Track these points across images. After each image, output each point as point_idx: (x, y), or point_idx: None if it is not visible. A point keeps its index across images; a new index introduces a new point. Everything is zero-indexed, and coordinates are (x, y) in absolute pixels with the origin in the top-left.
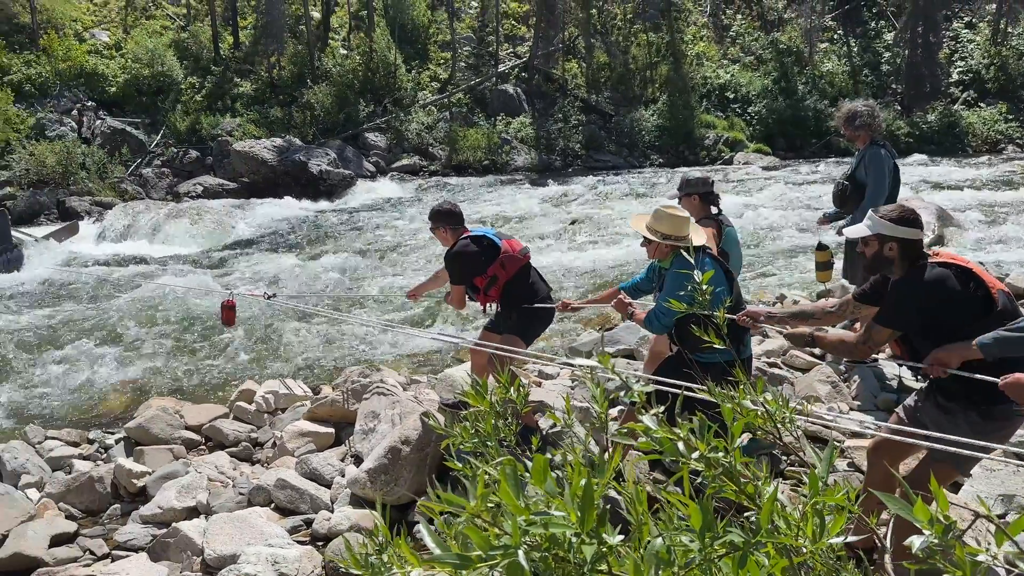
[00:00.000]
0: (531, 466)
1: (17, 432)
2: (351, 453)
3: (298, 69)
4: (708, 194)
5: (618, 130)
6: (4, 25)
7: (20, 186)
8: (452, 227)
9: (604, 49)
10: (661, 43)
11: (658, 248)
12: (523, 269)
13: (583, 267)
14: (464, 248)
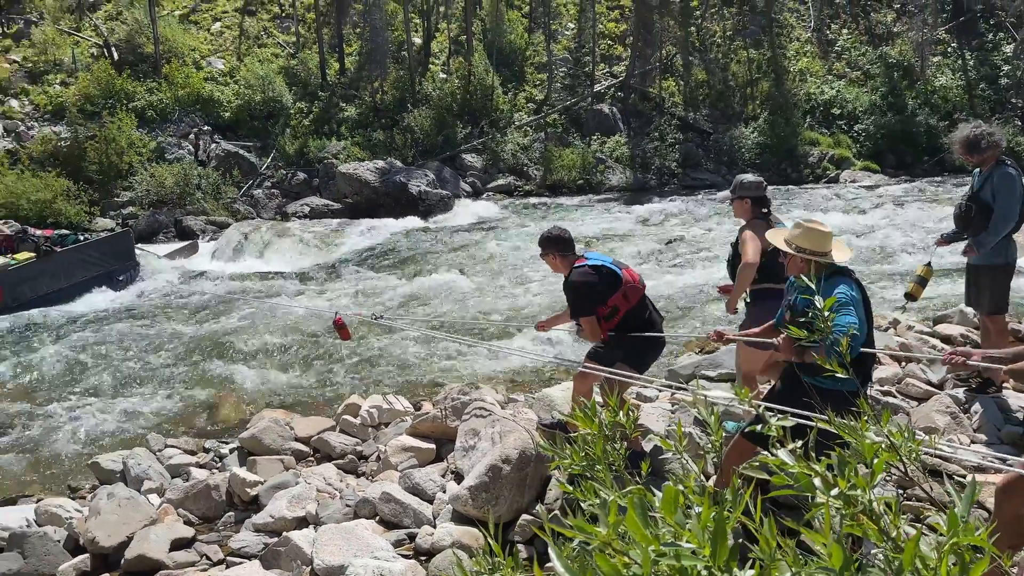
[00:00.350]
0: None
1: (140, 440)
2: (452, 469)
3: (400, 93)
4: (760, 199)
5: (716, 148)
6: (130, 55)
7: (141, 206)
8: (563, 253)
9: (703, 66)
10: (762, 59)
11: (794, 262)
12: (642, 299)
13: (682, 287)
14: (585, 278)
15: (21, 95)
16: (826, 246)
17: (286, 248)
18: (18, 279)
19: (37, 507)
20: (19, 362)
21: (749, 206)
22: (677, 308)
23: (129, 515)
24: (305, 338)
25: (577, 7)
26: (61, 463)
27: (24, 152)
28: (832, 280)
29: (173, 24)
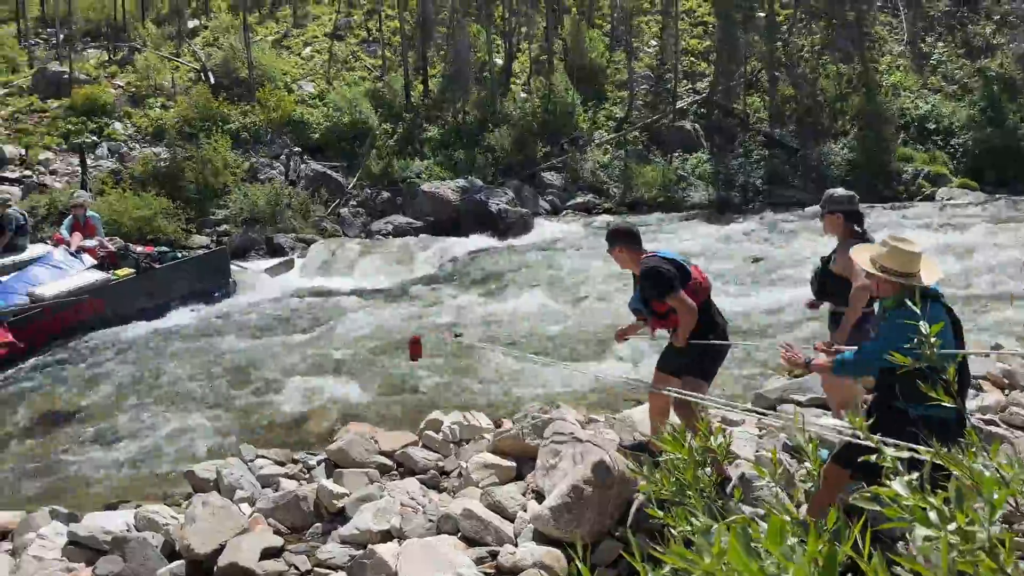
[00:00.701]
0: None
1: (232, 450)
2: (533, 488)
3: (481, 113)
4: (853, 212)
5: (804, 165)
6: (226, 80)
7: (235, 223)
8: (631, 247)
9: (789, 82)
10: (852, 74)
11: (880, 284)
12: (707, 298)
13: (768, 307)
14: (661, 263)
15: (125, 118)
16: (914, 267)
17: (370, 265)
18: (119, 294)
19: (136, 512)
20: (119, 374)
21: (842, 221)
22: (761, 327)
23: (222, 523)
24: (389, 353)
25: (659, 25)
26: (158, 471)
27: (126, 172)
28: (921, 303)
29: (266, 49)
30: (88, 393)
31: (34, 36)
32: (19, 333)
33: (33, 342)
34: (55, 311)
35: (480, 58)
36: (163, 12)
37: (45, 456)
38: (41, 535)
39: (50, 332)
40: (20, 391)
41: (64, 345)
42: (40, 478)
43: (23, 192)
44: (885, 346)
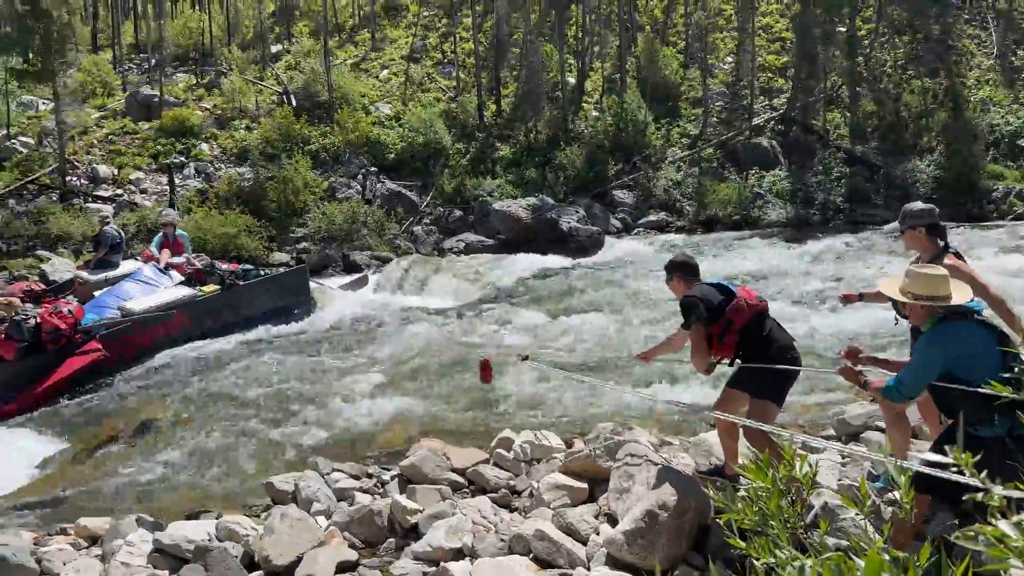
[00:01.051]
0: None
1: (309, 463)
2: (605, 511)
3: (553, 132)
4: (934, 226)
5: (887, 182)
6: (307, 102)
7: (314, 241)
8: (687, 278)
9: (871, 97)
10: (938, 89)
11: (914, 311)
12: (759, 315)
13: (849, 330)
14: (699, 290)
15: (211, 139)
16: (943, 290)
17: (442, 282)
18: (205, 310)
19: (218, 523)
20: (203, 386)
21: (924, 235)
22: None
23: (300, 535)
24: (459, 370)
25: (735, 41)
26: (238, 482)
27: (212, 191)
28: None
29: (345, 72)
30: (173, 405)
31: (128, 62)
32: (110, 346)
33: (123, 355)
34: (144, 325)
35: (552, 78)
36: (248, 37)
37: (132, 464)
38: (128, 542)
39: (140, 345)
40: (110, 402)
41: (152, 358)
42: (127, 486)
43: (115, 210)
44: (918, 369)
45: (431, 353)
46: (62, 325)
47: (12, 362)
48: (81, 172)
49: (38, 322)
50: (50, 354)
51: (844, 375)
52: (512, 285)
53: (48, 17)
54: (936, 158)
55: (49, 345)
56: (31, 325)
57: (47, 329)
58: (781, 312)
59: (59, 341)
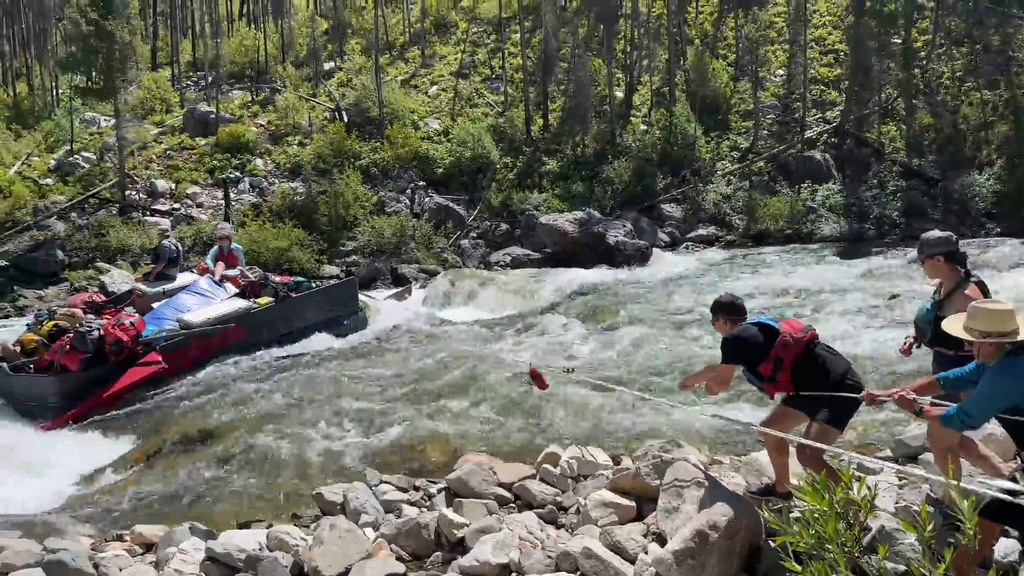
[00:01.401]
0: None
1: (357, 474)
2: (654, 531)
3: (600, 146)
4: (953, 253)
5: (945, 196)
6: (358, 118)
7: (363, 254)
8: (732, 319)
9: (928, 110)
10: (998, 101)
11: (982, 348)
12: (808, 347)
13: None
14: (741, 331)
15: (265, 155)
16: (1011, 324)
17: (489, 296)
18: (258, 322)
19: (268, 532)
20: (255, 397)
21: (944, 264)
22: (895, 371)
23: (348, 547)
24: (505, 384)
25: (786, 53)
26: (287, 492)
27: (266, 205)
28: (1015, 357)
29: (396, 89)
30: (227, 414)
31: (186, 79)
32: (168, 357)
33: (181, 365)
34: (201, 337)
35: (600, 91)
36: (302, 55)
37: (186, 472)
38: (182, 550)
39: (196, 356)
40: (167, 411)
41: (208, 369)
42: (181, 493)
43: (172, 223)
44: (985, 400)
45: (478, 366)
46: (124, 337)
47: (76, 373)
48: (140, 186)
49: (101, 334)
50: (112, 365)
51: (899, 404)
52: (558, 299)
53: (111, 37)
54: (996, 171)
55: (112, 357)
56: (95, 337)
57: (110, 341)
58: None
59: (121, 352)
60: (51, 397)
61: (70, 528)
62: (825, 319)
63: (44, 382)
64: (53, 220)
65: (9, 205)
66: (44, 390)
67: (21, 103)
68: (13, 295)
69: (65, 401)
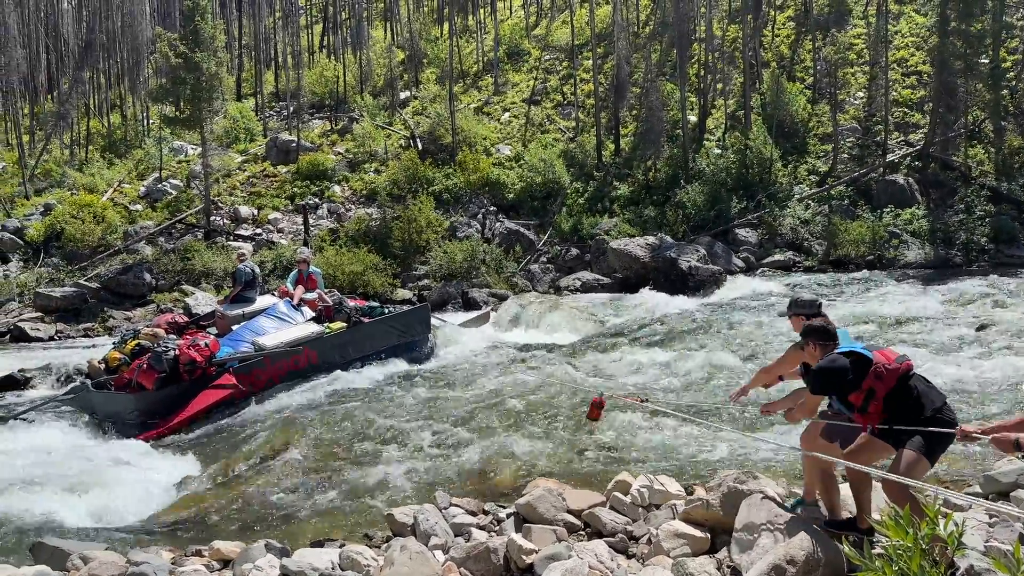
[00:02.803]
0: None
1: (427, 496)
2: (728, 564)
3: (672, 170)
4: (815, 315)
5: None
6: (431, 145)
7: (435, 278)
8: (823, 343)
9: (1018, 132)
10: None
11: None
12: (903, 378)
13: (995, 381)
14: (832, 361)
15: (343, 181)
16: None
17: (558, 320)
18: (331, 346)
19: (340, 552)
20: (327, 419)
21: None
22: (989, 403)
23: (418, 569)
24: (575, 409)
25: (867, 75)
26: (359, 512)
27: (342, 230)
28: None
29: (468, 116)
30: (299, 436)
31: (268, 109)
32: (242, 378)
33: (254, 387)
34: (274, 360)
35: (673, 116)
36: (379, 85)
37: (260, 492)
38: (257, 566)
39: (269, 378)
40: (241, 432)
41: (281, 391)
42: (256, 511)
43: (254, 248)
44: None
45: (547, 391)
46: (198, 357)
47: (152, 391)
48: (224, 212)
49: (176, 354)
50: (186, 384)
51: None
52: (628, 324)
53: (198, 69)
54: None
55: (186, 376)
56: (170, 357)
57: (184, 361)
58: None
59: (195, 372)
60: (128, 414)
61: (150, 542)
62: (910, 349)
63: (121, 399)
64: (142, 244)
65: (102, 230)
66: (122, 407)
67: (115, 132)
68: (103, 315)
69: (141, 417)
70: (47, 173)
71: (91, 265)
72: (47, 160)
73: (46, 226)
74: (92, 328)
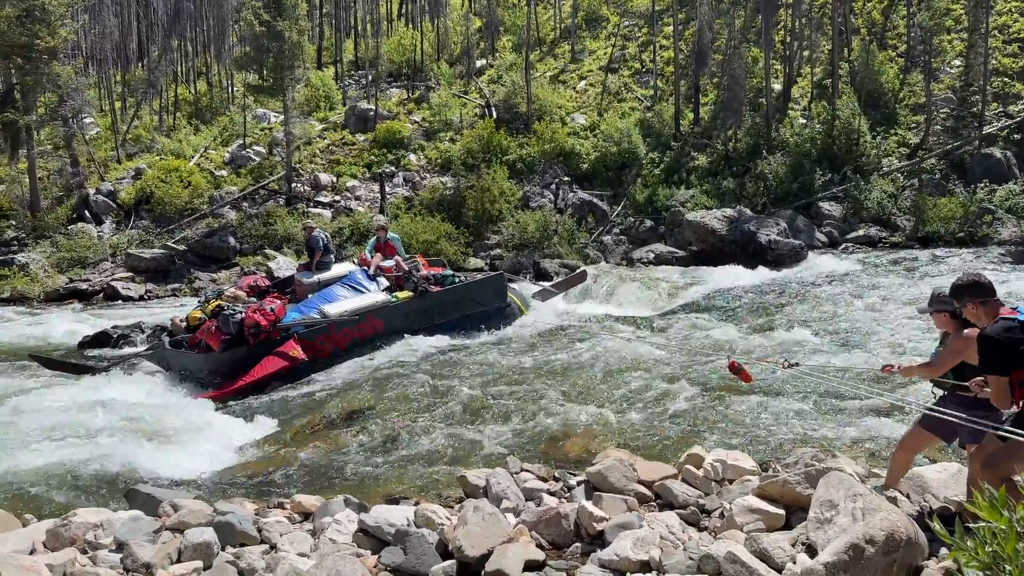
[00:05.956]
0: None
1: (499, 461)
2: (803, 541)
3: (754, 140)
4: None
5: None
6: (507, 114)
7: (507, 248)
8: (982, 301)
9: None
10: None
11: None
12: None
13: None
14: (1004, 330)
15: (418, 150)
16: None
17: (630, 293)
18: (395, 315)
19: (416, 510)
20: (398, 385)
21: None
22: None
23: (491, 530)
24: (645, 381)
25: (964, 43)
26: (432, 473)
27: (417, 199)
28: None
29: (544, 85)
30: (372, 400)
31: (348, 77)
32: (305, 344)
33: (319, 353)
34: (339, 327)
35: (756, 84)
36: (455, 53)
37: (337, 450)
38: (337, 520)
39: (335, 345)
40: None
41: (355, 356)
42: (334, 468)
43: (332, 215)
44: None
45: (617, 362)
46: (263, 322)
47: (217, 352)
48: (305, 179)
49: (242, 318)
50: (251, 348)
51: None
52: (703, 298)
53: (281, 38)
54: None
55: (251, 339)
56: (237, 320)
57: (249, 324)
58: None
59: (259, 336)
60: (196, 372)
61: (233, 493)
62: None
63: (190, 358)
64: (227, 209)
65: (188, 194)
66: (189, 365)
67: (201, 100)
68: (190, 277)
69: (208, 377)
70: (137, 139)
71: (179, 228)
72: (137, 126)
73: (137, 190)
74: (179, 289)
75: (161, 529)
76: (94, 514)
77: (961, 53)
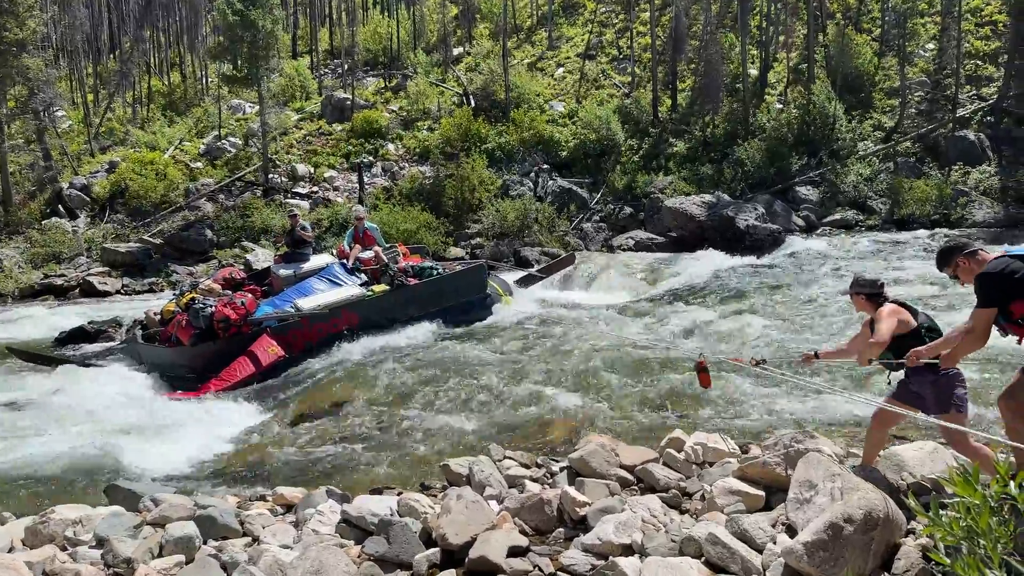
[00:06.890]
0: None
1: (481, 449)
2: (783, 521)
3: (731, 126)
4: (876, 295)
5: None
6: (485, 102)
7: (487, 237)
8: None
9: None
10: None
11: None
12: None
13: None
14: (1001, 264)
15: (396, 139)
16: None
17: (611, 280)
18: (371, 309)
19: (399, 499)
20: (379, 376)
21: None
22: None
23: (474, 517)
24: (627, 367)
25: (938, 26)
26: (415, 463)
27: (396, 188)
28: None
29: (522, 72)
30: (353, 391)
31: (323, 66)
32: (278, 338)
33: (292, 347)
34: (312, 321)
35: (733, 70)
36: (432, 41)
37: (319, 442)
38: (319, 511)
39: (308, 339)
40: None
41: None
42: (317, 460)
43: (311, 206)
44: None
45: (598, 349)
46: (233, 315)
47: (187, 347)
48: (282, 170)
49: (212, 311)
50: (221, 342)
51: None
52: (683, 284)
53: (255, 27)
54: None
55: (221, 333)
56: (207, 314)
57: (218, 318)
58: None
59: (229, 330)
60: (167, 366)
61: (215, 487)
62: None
63: (161, 352)
64: (203, 201)
65: (164, 187)
66: (160, 359)
67: (175, 91)
68: (167, 271)
69: (179, 371)
70: (111, 131)
71: (154, 222)
72: (110, 118)
73: (111, 183)
74: (156, 283)
75: (142, 524)
76: (73, 510)
77: (934, 36)
